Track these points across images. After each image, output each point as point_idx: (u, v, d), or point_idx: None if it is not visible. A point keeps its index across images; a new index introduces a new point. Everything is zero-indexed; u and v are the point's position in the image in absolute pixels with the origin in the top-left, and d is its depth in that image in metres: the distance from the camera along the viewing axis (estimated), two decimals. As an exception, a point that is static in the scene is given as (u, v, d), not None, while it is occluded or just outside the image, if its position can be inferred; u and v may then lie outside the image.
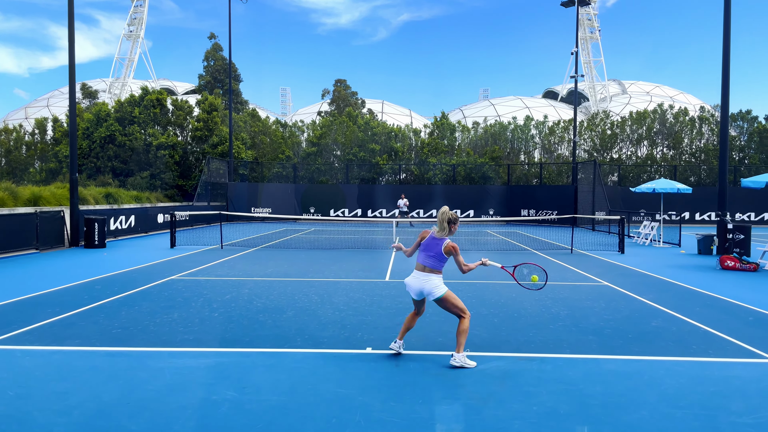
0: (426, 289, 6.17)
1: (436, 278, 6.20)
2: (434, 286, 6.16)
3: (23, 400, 5.06)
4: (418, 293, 6.27)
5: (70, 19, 19.08)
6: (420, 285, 6.19)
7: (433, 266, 6.19)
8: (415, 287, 6.23)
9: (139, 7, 67.55)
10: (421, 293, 6.24)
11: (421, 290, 6.21)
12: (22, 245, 16.45)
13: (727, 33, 17.82)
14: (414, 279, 6.26)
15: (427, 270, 6.21)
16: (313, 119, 52.24)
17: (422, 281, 6.19)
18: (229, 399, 5.11)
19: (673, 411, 4.90)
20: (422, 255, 6.28)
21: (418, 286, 6.21)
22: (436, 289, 6.15)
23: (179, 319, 8.20)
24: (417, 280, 6.22)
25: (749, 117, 42.69)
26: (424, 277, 6.20)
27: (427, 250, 6.25)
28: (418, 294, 6.27)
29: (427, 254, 6.24)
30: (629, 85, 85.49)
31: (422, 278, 6.20)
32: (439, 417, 4.75)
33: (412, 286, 6.26)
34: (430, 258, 6.21)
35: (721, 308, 9.36)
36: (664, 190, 21.28)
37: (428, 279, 6.18)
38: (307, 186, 37.31)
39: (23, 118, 65.17)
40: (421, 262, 6.26)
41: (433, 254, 6.20)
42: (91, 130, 38.07)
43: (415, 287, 6.23)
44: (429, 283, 6.16)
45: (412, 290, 6.28)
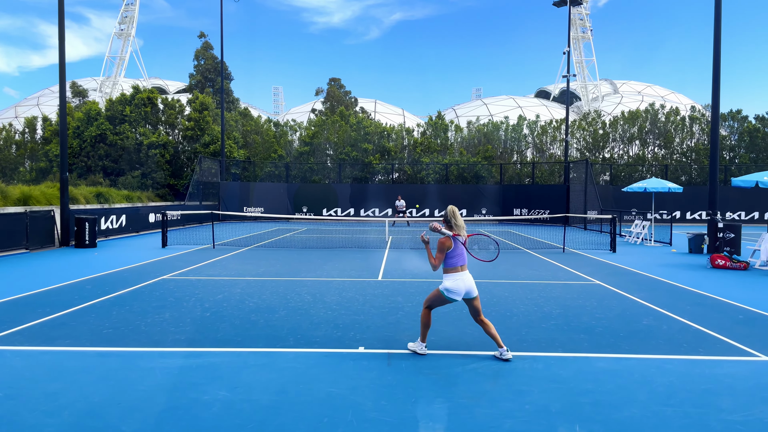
0: (472, 286, 6.34)
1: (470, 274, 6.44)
2: (474, 282, 6.42)
3: (13, 401, 5.03)
4: (468, 292, 6.33)
5: (60, 18, 18.95)
6: (470, 282, 6.32)
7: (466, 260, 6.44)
8: (467, 285, 6.29)
9: (130, 6, 67.19)
10: (470, 292, 6.33)
11: (470, 287, 6.33)
12: (12, 245, 16.33)
13: (717, 33, 17.93)
14: (465, 280, 6.29)
15: (466, 267, 6.37)
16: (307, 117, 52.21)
17: (470, 278, 6.34)
18: (220, 399, 5.09)
19: (663, 409, 4.93)
20: (463, 256, 6.37)
21: (469, 283, 6.31)
22: (475, 286, 6.42)
23: (171, 319, 8.17)
24: (468, 279, 6.32)
25: (739, 116, 42.97)
26: (468, 275, 6.35)
27: (461, 249, 6.38)
28: (468, 293, 6.33)
29: (462, 252, 6.38)
30: (621, 85, 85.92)
31: (468, 275, 6.35)
32: (431, 416, 4.75)
33: (464, 286, 6.27)
34: (465, 254, 6.42)
35: (712, 306, 9.42)
36: (655, 189, 21.39)
37: (469, 275, 6.39)
38: (300, 185, 37.25)
39: (13, 117, 64.71)
40: (462, 263, 6.33)
41: (466, 250, 6.43)
42: (81, 129, 37.83)
43: (467, 285, 6.29)
44: (472, 279, 6.39)
45: (463, 290, 6.29)
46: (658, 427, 4.54)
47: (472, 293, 6.33)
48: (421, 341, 6.49)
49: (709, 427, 4.55)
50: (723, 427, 4.56)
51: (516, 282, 11.77)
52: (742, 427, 4.57)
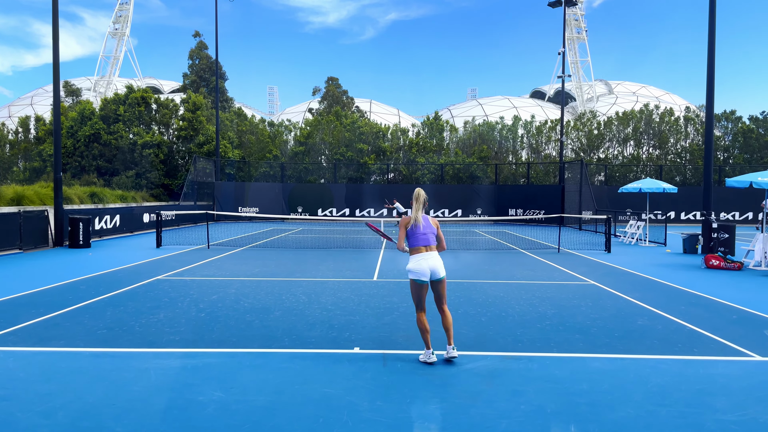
0: (437, 266, 6.17)
1: (438, 256, 6.29)
2: (442, 263, 6.26)
3: (6, 402, 4.99)
4: (433, 272, 6.18)
5: (54, 17, 18.86)
6: (434, 262, 6.17)
7: (434, 242, 6.34)
8: (431, 265, 6.15)
9: (125, 5, 66.95)
10: (435, 272, 6.18)
11: (435, 268, 6.17)
12: (6, 245, 16.25)
13: (712, 34, 18.00)
14: (427, 259, 6.17)
15: (431, 249, 6.27)
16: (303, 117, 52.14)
17: (435, 258, 6.20)
18: (215, 400, 5.07)
19: (658, 408, 4.94)
20: (425, 236, 6.27)
21: (433, 263, 6.16)
22: (443, 268, 6.26)
23: (165, 320, 8.14)
24: (431, 258, 6.18)
25: (734, 117, 43.17)
26: (433, 254, 6.23)
27: (427, 230, 6.30)
28: (433, 273, 6.18)
29: (428, 233, 6.30)
30: (616, 86, 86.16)
31: (433, 256, 6.22)
32: (426, 416, 4.75)
33: (427, 265, 6.14)
34: (432, 236, 6.32)
35: (706, 306, 9.45)
36: (650, 189, 21.46)
37: (434, 256, 6.23)
38: (295, 185, 37.21)
39: (6, 117, 64.40)
40: (425, 243, 6.24)
41: (433, 232, 6.34)
42: (75, 128, 37.69)
43: (431, 265, 6.15)
44: (439, 260, 6.23)
45: (427, 270, 6.16)
46: (653, 427, 4.55)
47: (437, 274, 6.18)
48: (426, 348, 6.21)
49: (703, 427, 4.56)
50: (717, 426, 4.58)
51: (511, 282, 11.78)
52: (736, 426, 4.58)
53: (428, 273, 6.16)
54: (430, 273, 6.17)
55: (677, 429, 4.53)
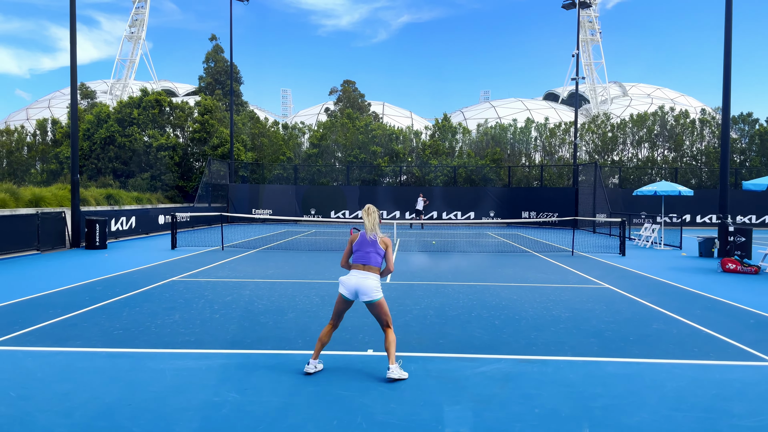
0: (365, 288, 5.74)
1: (375, 278, 5.85)
2: (374, 286, 5.77)
3: (25, 401, 5.07)
4: (358, 292, 5.77)
5: (72, 22, 19.11)
6: (363, 282, 5.75)
7: (376, 263, 5.89)
8: (358, 284, 5.75)
9: (141, 9, 67.67)
10: (361, 293, 5.76)
11: (362, 288, 5.75)
12: (24, 246, 16.47)
13: (728, 35, 17.84)
14: (357, 277, 5.80)
15: (369, 269, 5.86)
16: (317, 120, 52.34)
17: (366, 279, 5.77)
18: (230, 400, 5.11)
19: (673, 413, 4.90)
20: (366, 254, 5.89)
21: (361, 283, 5.75)
22: (376, 291, 5.78)
23: (180, 321, 8.21)
24: (362, 278, 5.78)
25: (750, 119, 42.69)
26: (367, 275, 5.81)
27: (364, 247, 5.91)
28: (359, 293, 5.76)
29: (365, 251, 5.90)
30: (630, 87, 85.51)
31: (367, 276, 5.79)
32: (440, 419, 4.75)
33: (354, 283, 5.76)
34: (371, 254, 5.89)
35: (722, 311, 9.36)
36: (665, 192, 21.28)
37: (367, 277, 5.80)
38: (308, 187, 37.33)
39: (24, 119, 65.26)
40: (363, 262, 5.87)
41: (373, 250, 5.90)
42: (91, 131, 38.12)
43: (358, 284, 5.75)
44: (368, 281, 5.77)
45: (352, 287, 5.78)
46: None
47: (364, 296, 5.75)
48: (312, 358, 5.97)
49: (720, 433, 4.53)
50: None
51: (525, 285, 11.74)
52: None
53: (353, 291, 5.79)
54: (355, 292, 5.79)
55: (693, 434, 4.50)
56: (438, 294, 10.56)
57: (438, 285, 11.56)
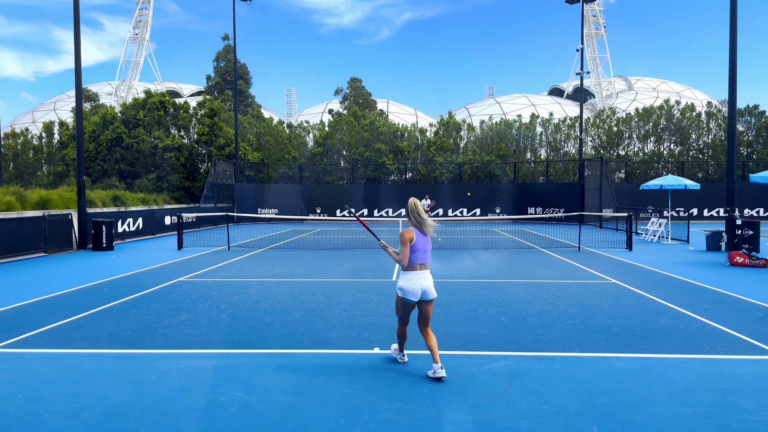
0: (430, 287, 5.84)
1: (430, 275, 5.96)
2: (433, 283, 5.92)
3: (33, 403, 5.09)
4: (425, 293, 5.82)
5: (75, 24, 19.17)
6: (428, 283, 5.83)
7: (429, 261, 5.93)
8: (424, 286, 5.80)
9: (144, 10, 67.84)
10: (427, 293, 5.84)
11: (428, 289, 5.82)
12: (31, 248, 16.55)
13: (733, 27, 17.71)
14: (424, 279, 5.82)
15: (426, 267, 5.89)
16: (320, 119, 52.34)
17: (428, 279, 5.85)
18: (237, 400, 5.12)
19: (682, 409, 4.87)
20: (424, 253, 5.85)
21: (427, 284, 5.81)
22: (434, 288, 5.93)
23: (187, 321, 8.23)
24: (426, 279, 5.83)
25: (756, 112, 42.40)
26: (426, 274, 5.85)
27: (426, 246, 5.88)
28: (425, 293, 5.82)
29: (427, 250, 5.89)
30: (635, 81, 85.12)
31: (427, 276, 5.85)
32: (447, 417, 4.74)
33: (420, 286, 5.77)
34: (428, 253, 5.92)
35: (731, 305, 9.30)
36: (671, 186, 21.17)
37: (428, 277, 5.88)
38: (313, 186, 37.35)
39: (30, 122, 65.57)
40: (421, 261, 5.83)
41: (429, 248, 5.93)
42: (97, 133, 38.28)
43: (424, 286, 5.80)
44: (430, 280, 5.88)
45: (419, 291, 5.79)
46: (678, 428, 4.49)
47: (428, 295, 5.82)
48: (399, 351, 6.25)
49: (729, 428, 4.49)
50: (744, 427, 4.50)
51: (531, 281, 11.71)
52: (763, 427, 4.51)
53: (419, 294, 5.79)
54: (421, 293, 5.80)
55: (703, 429, 4.47)
56: (444, 291, 10.54)
57: (444, 282, 11.54)
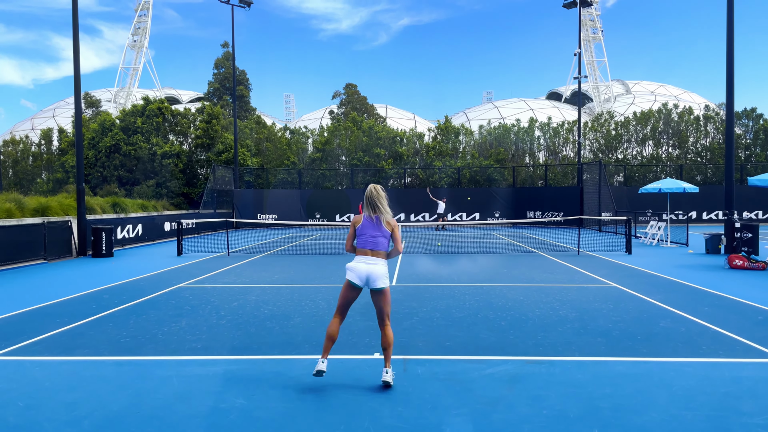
0: (376, 274, 5.53)
1: (384, 264, 5.62)
2: (384, 273, 5.56)
3: (33, 411, 5.08)
4: (369, 279, 5.54)
5: (74, 31, 19.21)
6: (374, 269, 5.53)
7: (383, 247, 5.64)
8: (369, 271, 5.53)
9: (143, 17, 67.94)
10: (371, 280, 5.55)
11: (373, 275, 5.53)
12: (30, 256, 16.54)
13: (730, 31, 17.76)
14: (372, 265, 5.55)
15: (378, 254, 5.62)
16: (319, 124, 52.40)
17: (376, 266, 5.54)
18: (237, 407, 5.11)
19: (683, 412, 4.87)
20: (373, 239, 5.63)
21: (372, 269, 5.53)
22: (385, 278, 5.58)
23: (187, 327, 8.22)
24: (373, 265, 5.55)
25: (754, 115, 42.49)
26: (377, 260, 5.57)
27: (370, 231, 5.65)
28: (369, 280, 5.54)
29: (372, 235, 5.64)
30: (633, 85, 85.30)
31: (377, 262, 5.55)
32: (447, 422, 4.73)
33: (365, 269, 5.53)
34: (382, 239, 5.64)
35: (730, 308, 9.30)
36: (670, 189, 21.20)
37: (377, 263, 5.56)
38: (313, 191, 37.37)
39: (29, 129, 65.58)
40: (371, 247, 5.62)
41: (385, 235, 5.66)
42: (96, 139, 38.31)
43: (369, 271, 5.53)
44: (378, 267, 5.55)
45: (363, 274, 5.54)
46: (679, 431, 4.49)
47: (374, 283, 5.53)
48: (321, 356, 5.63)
49: (730, 431, 4.49)
50: (744, 430, 4.50)
51: (531, 285, 11.71)
52: (764, 430, 4.50)
53: (363, 278, 5.56)
54: (366, 279, 5.56)
55: (703, 433, 4.47)
56: (444, 296, 10.54)
57: (444, 287, 11.54)
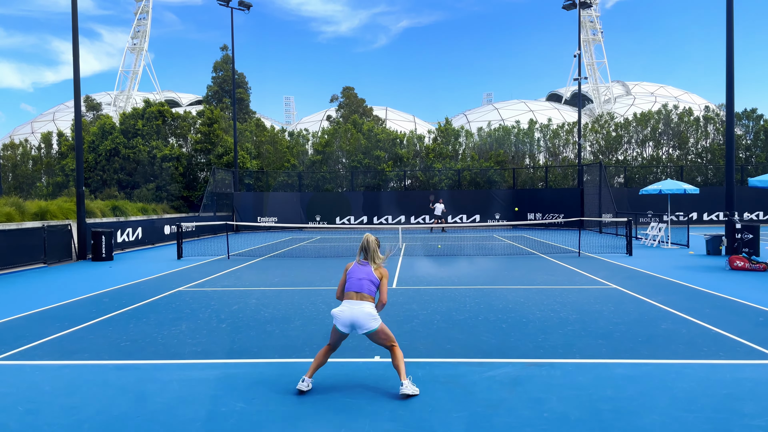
0: (360, 320, 5.41)
1: (370, 305, 5.49)
2: (370, 314, 5.43)
3: (33, 415, 5.07)
4: (354, 324, 5.44)
5: (74, 35, 19.23)
6: (358, 314, 5.41)
7: (369, 291, 5.54)
8: (353, 316, 5.42)
9: (143, 20, 68.05)
10: (356, 325, 5.43)
11: (357, 321, 5.41)
12: (30, 259, 16.53)
13: (730, 32, 17.77)
14: (355, 308, 5.45)
15: (363, 297, 5.51)
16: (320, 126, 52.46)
17: (360, 310, 5.42)
18: (237, 410, 5.10)
19: (684, 414, 4.86)
20: (359, 281, 5.56)
21: (356, 314, 5.41)
22: (373, 320, 5.43)
23: (187, 331, 8.21)
24: (356, 309, 5.44)
25: (754, 115, 42.47)
26: (361, 304, 5.46)
27: (357, 274, 5.61)
28: (354, 325, 5.44)
29: (358, 278, 5.58)
30: (633, 86, 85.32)
31: (361, 306, 5.44)
32: (448, 425, 4.72)
33: (349, 315, 5.43)
34: (369, 283, 5.57)
35: (731, 309, 9.29)
36: (670, 191, 21.19)
37: (361, 306, 5.45)
38: (313, 194, 37.36)
39: (29, 133, 65.63)
40: (356, 290, 5.53)
41: (372, 281, 5.60)
42: (96, 143, 38.33)
43: (353, 316, 5.42)
44: (363, 309, 5.43)
45: (347, 320, 5.44)
46: (680, 434, 4.48)
47: (360, 328, 5.42)
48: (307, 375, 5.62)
49: (731, 433, 4.48)
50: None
51: (531, 287, 11.69)
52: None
53: (348, 324, 5.45)
54: (350, 325, 5.45)
55: (704, 435, 4.45)
56: (444, 298, 10.53)
57: (444, 289, 11.53)
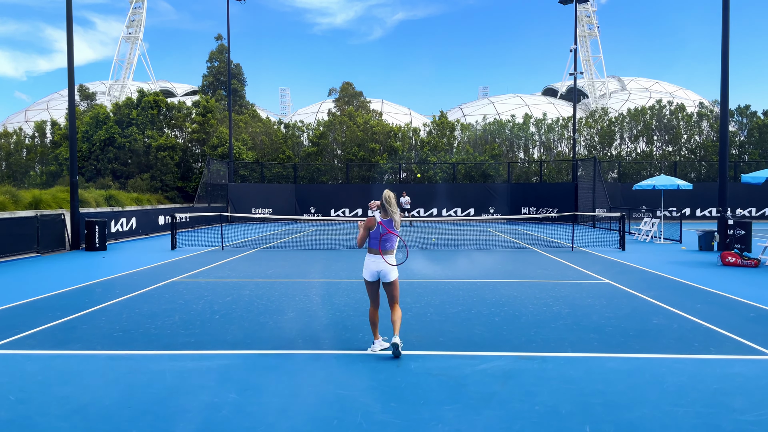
0: (385, 271, 6.51)
1: (394, 260, 6.61)
2: (394, 269, 6.57)
3: (25, 405, 5.07)
4: (381, 275, 6.54)
5: (68, 23, 19.07)
6: (383, 266, 6.50)
7: (391, 246, 6.63)
8: (380, 269, 6.52)
9: (138, 9, 67.54)
10: (382, 276, 6.53)
11: (382, 271, 6.52)
12: (23, 249, 16.46)
13: (726, 29, 17.80)
14: (380, 262, 6.52)
15: (387, 252, 6.56)
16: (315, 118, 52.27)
17: (384, 263, 6.51)
18: (230, 401, 5.11)
19: (674, 409, 4.90)
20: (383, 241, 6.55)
21: (381, 267, 6.51)
22: (394, 272, 6.57)
23: (180, 322, 8.21)
24: (381, 263, 6.51)
25: (748, 112, 42.60)
26: (384, 260, 6.52)
27: (383, 236, 6.56)
28: (381, 275, 6.54)
29: (388, 237, 6.58)
30: (628, 82, 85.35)
31: (384, 261, 6.51)
32: (440, 418, 4.75)
33: (375, 268, 6.52)
34: (393, 239, 6.64)
35: (722, 305, 9.35)
36: (664, 186, 21.27)
37: (388, 261, 6.53)
38: (308, 186, 37.30)
39: (23, 122, 65.18)
40: (384, 248, 6.55)
41: (395, 235, 6.67)
42: (90, 132, 38.11)
43: (380, 269, 6.52)
44: (388, 265, 6.53)
45: (374, 272, 6.54)
46: (670, 428, 4.52)
47: (384, 277, 6.53)
48: (374, 339, 6.76)
49: (720, 428, 4.52)
50: (735, 427, 4.53)
51: (524, 281, 11.74)
52: (754, 427, 4.54)
53: (375, 275, 6.55)
54: (377, 275, 6.55)
55: (694, 429, 4.50)
56: (437, 291, 10.55)
57: (437, 282, 11.56)
